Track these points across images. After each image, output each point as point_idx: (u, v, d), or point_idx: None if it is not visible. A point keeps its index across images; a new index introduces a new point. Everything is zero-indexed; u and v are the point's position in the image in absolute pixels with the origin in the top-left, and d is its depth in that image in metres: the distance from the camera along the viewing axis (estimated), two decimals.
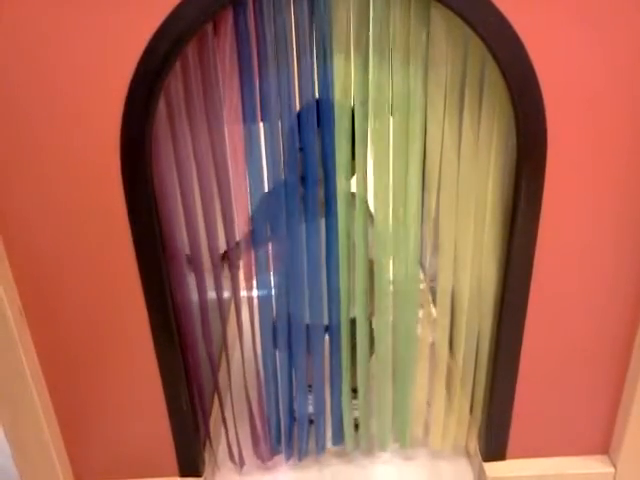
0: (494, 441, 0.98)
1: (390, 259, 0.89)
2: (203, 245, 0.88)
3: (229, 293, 0.99)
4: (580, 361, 0.91)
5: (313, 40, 0.76)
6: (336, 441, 1.05)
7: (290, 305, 0.93)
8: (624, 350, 0.90)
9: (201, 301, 0.91)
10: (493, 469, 0.98)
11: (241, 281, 0.91)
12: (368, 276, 0.91)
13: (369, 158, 0.83)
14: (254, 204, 0.85)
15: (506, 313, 0.86)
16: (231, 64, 0.76)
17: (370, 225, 0.89)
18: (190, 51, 0.75)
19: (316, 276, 0.91)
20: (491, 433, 0.97)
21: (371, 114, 0.80)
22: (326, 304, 0.93)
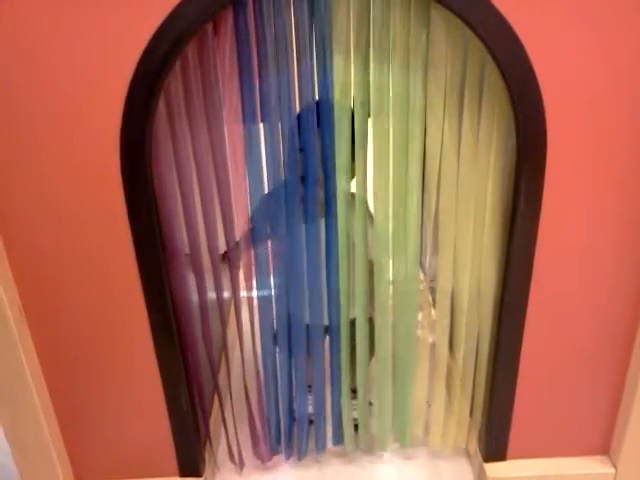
0: (494, 441, 0.98)
1: (390, 259, 0.89)
2: (203, 245, 0.88)
3: (229, 293, 0.99)
4: (580, 361, 0.91)
5: (313, 41, 0.76)
6: (336, 441, 1.05)
7: (290, 305, 0.93)
8: (624, 350, 0.90)
9: (201, 301, 0.91)
10: (493, 469, 0.98)
11: (241, 281, 0.91)
12: (368, 277, 0.91)
13: (369, 159, 0.83)
14: (254, 204, 0.85)
15: (506, 314, 0.86)
16: (231, 64, 0.76)
17: (370, 225, 0.89)
18: (190, 51, 0.75)
19: (316, 276, 0.91)
20: (491, 433, 0.97)
21: (371, 115, 0.80)
22: (326, 304, 0.93)
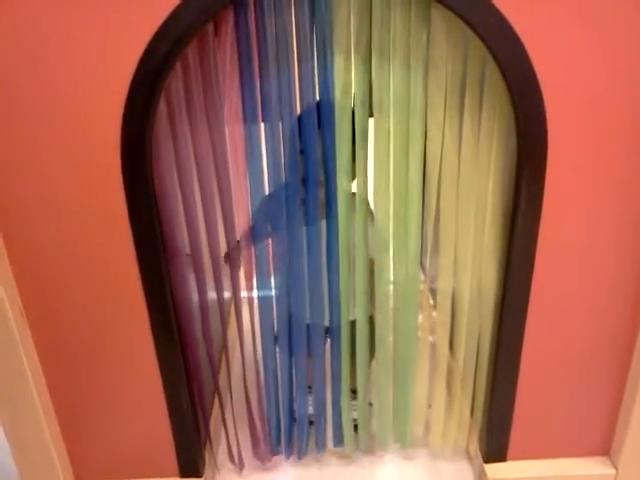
0: (495, 442, 0.98)
1: (390, 259, 0.89)
2: (204, 245, 0.88)
3: (230, 293, 0.99)
4: (581, 362, 0.91)
5: (314, 41, 0.76)
6: (336, 442, 1.05)
7: (291, 306, 0.93)
8: (625, 351, 0.89)
9: (201, 301, 0.91)
10: (494, 470, 0.98)
11: (242, 281, 0.91)
12: (369, 277, 0.91)
13: (370, 159, 0.83)
14: (255, 205, 0.85)
15: (507, 314, 0.86)
16: (232, 64, 0.77)
17: (371, 226, 0.89)
18: (191, 51, 0.75)
19: (317, 277, 0.91)
20: (492, 434, 0.97)
21: (372, 115, 0.80)
22: (327, 305, 0.93)
